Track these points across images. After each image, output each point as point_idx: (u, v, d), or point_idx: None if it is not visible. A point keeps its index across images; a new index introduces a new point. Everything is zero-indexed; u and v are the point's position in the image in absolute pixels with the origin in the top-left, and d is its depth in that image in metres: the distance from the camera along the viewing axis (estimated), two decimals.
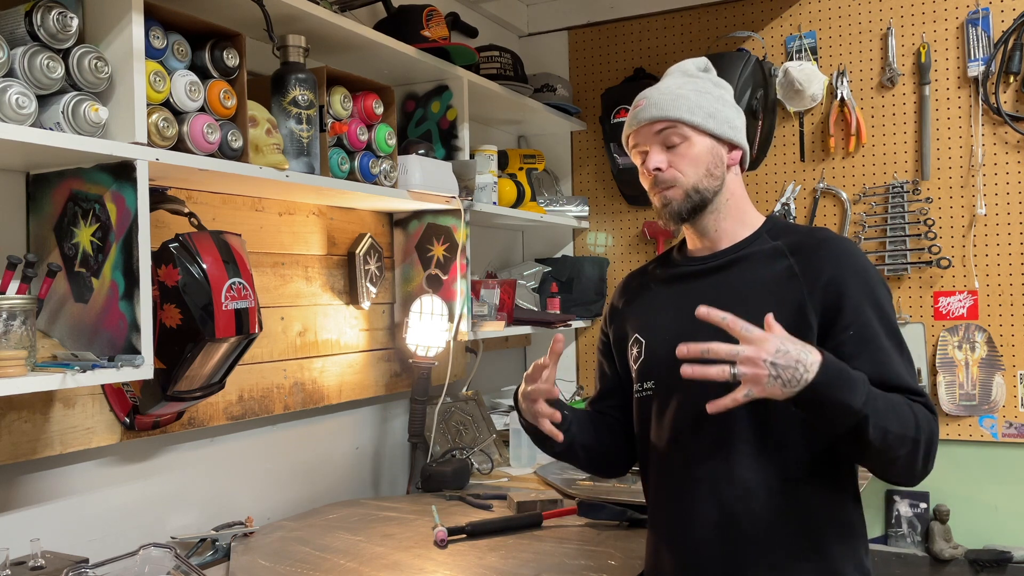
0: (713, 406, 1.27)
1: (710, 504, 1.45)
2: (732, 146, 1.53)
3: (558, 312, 2.99)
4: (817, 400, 1.25)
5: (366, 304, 2.38)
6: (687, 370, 1.26)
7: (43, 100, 1.36)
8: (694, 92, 1.51)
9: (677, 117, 1.48)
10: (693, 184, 1.49)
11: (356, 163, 1.99)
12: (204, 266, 1.60)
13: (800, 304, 1.42)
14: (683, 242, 1.65)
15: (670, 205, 1.50)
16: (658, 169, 1.49)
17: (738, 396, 1.25)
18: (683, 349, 1.27)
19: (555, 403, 1.52)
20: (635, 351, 1.59)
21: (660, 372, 1.53)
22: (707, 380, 1.42)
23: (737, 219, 1.54)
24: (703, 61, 1.60)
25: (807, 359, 1.24)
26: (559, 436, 1.50)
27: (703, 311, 1.28)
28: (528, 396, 1.50)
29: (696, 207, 1.50)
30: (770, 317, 1.27)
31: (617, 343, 1.66)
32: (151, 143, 1.48)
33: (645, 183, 1.55)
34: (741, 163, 1.57)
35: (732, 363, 1.25)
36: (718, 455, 1.44)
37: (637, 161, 1.56)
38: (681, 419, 1.49)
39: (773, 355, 1.23)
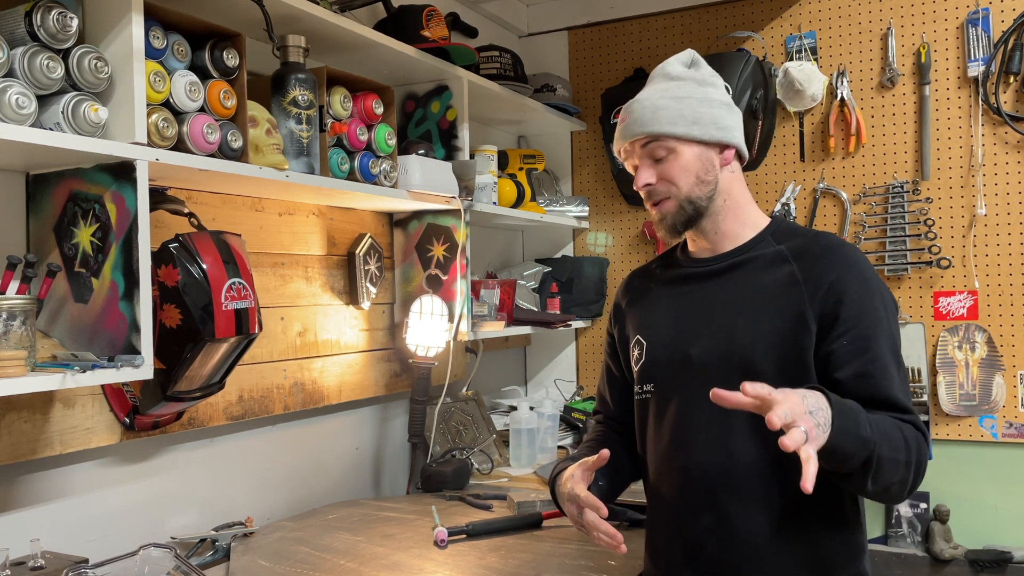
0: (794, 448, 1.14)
1: (707, 509, 1.44)
2: (723, 146, 1.48)
3: (558, 312, 2.99)
4: (838, 436, 1.21)
5: (366, 304, 2.38)
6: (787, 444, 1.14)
7: (43, 100, 1.36)
8: (674, 100, 1.46)
9: (659, 131, 1.45)
10: (686, 195, 1.47)
11: (356, 163, 1.99)
12: (204, 266, 1.59)
13: (800, 311, 1.41)
14: (685, 241, 1.64)
15: (665, 219, 1.49)
16: (648, 184, 1.48)
17: (811, 454, 1.14)
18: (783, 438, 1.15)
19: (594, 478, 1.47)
20: (636, 353, 1.58)
21: (660, 375, 1.52)
22: (705, 397, 1.42)
23: (738, 219, 1.51)
24: (688, 55, 1.53)
25: (815, 397, 1.21)
26: (619, 541, 1.40)
27: (749, 399, 1.18)
28: (573, 501, 1.43)
29: (691, 218, 1.48)
30: (759, 389, 1.18)
31: (621, 344, 1.65)
32: (151, 143, 1.48)
33: (641, 195, 1.53)
34: (739, 159, 1.52)
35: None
36: (717, 459, 1.43)
37: (630, 171, 1.55)
38: (680, 423, 1.48)
39: (807, 406, 1.18)
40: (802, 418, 1.16)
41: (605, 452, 1.41)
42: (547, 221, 3.00)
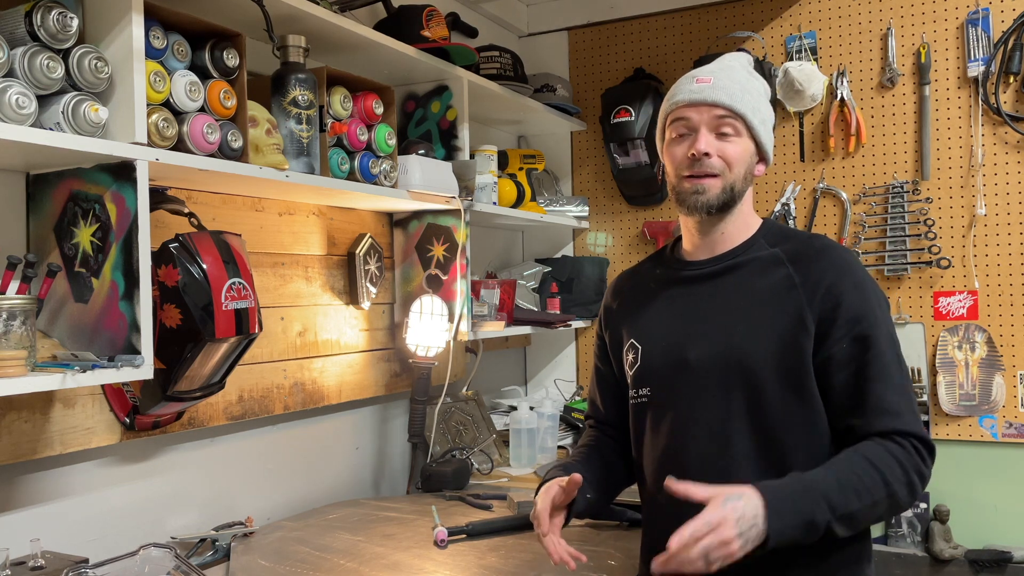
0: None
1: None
2: (762, 159, 1.52)
3: (558, 312, 2.99)
4: (777, 536, 1.25)
5: (366, 304, 2.38)
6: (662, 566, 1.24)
7: (43, 100, 1.36)
8: (757, 94, 1.49)
9: (743, 112, 1.45)
10: (731, 181, 1.46)
11: (356, 163, 1.99)
12: (204, 266, 1.59)
13: (799, 314, 1.41)
14: (676, 241, 1.63)
15: (705, 194, 1.45)
16: (707, 154, 1.44)
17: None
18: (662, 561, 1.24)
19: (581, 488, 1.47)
20: (631, 356, 1.57)
21: (656, 379, 1.52)
22: (704, 401, 1.44)
23: (742, 224, 1.52)
24: (749, 58, 1.58)
25: (752, 507, 1.24)
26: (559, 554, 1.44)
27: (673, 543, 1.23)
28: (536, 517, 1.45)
29: (726, 204, 1.47)
30: (704, 491, 1.26)
31: (613, 347, 1.64)
32: (151, 143, 1.48)
33: (676, 164, 1.48)
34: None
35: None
36: (716, 464, 1.42)
37: (671, 136, 1.50)
38: (677, 427, 1.47)
39: (738, 527, 1.22)
40: (718, 549, 1.21)
41: (577, 476, 1.41)
42: (547, 221, 3.00)
